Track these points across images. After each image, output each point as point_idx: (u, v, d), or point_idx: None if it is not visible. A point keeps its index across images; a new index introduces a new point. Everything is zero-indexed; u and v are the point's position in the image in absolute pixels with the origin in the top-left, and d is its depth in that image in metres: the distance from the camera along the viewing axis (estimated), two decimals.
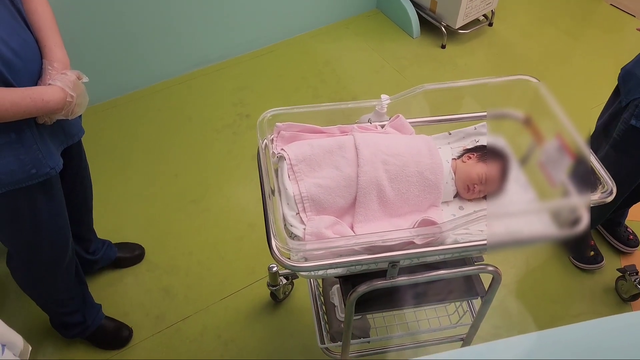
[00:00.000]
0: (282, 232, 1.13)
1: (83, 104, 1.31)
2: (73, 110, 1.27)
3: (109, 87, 2.75)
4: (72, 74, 1.27)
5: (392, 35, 3.24)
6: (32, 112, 1.19)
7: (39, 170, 1.28)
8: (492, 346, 0.70)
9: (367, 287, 1.21)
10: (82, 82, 1.31)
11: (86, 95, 1.32)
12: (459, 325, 1.63)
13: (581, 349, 0.70)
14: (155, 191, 2.37)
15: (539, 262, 2.15)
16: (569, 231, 1.12)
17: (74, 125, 1.43)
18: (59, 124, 1.33)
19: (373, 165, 1.22)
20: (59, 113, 1.25)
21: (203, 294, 2.02)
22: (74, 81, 1.26)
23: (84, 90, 1.31)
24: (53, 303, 1.71)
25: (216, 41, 2.94)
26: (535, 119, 1.34)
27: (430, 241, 1.12)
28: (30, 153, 1.25)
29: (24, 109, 1.16)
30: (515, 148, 1.38)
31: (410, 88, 1.32)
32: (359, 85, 2.90)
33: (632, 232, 2.17)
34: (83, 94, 1.30)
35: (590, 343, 0.72)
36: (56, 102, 1.22)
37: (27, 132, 1.23)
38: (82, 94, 1.29)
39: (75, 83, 1.26)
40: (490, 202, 1.33)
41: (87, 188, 1.74)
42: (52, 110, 1.22)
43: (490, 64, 3.07)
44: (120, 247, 2.08)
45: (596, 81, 2.93)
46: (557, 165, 1.22)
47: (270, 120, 1.28)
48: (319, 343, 1.60)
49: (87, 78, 1.32)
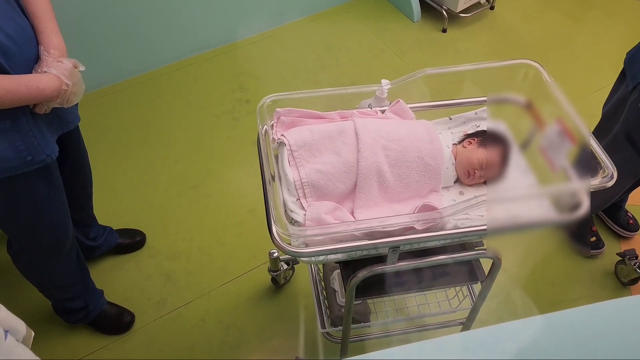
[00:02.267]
0: (282, 217, 1.13)
1: (79, 93, 1.31)
2: (69, 99, 1.27)
3: (108, 73, 2.73)
4: (68, 62, 1.26)
5: (392, 19, 3.21)
6: (27, 100, 1.18)
7: (34, 157, 1.28)
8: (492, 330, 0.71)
9: (367, 272, 1.22)
10: (79, 70, 1.30)
11: (82, 83, 1.32)
12: (459, 310, 1.64)
13: (581, 332, 0.71)
14: (155, 177, 2.37)
15: (538, 246, 2.16)
16: (570, 216, 1.12)
17: (70, 113, 1.43)
18: (55, 112, 1.33)
19: (373, 151, 1.22)
20: (55, 101, 1.24)
21: (204, 280, 2.03)
22: (70, 69, 1.26)
23: (80, 78, 1.31)
24: (55, 289, 1.72)
25: (215, 26, 2.91)
26: (536, 103, 1.33)
27: (430, 226, 1.12)
28: (26, 140, 1.25)
29: (19, 96, 1.16)
30: (516, 133, 1.37)
31: (411, 73, 1.32)
32: (359, 70, 2.89)
33: (632, 216, 2.17)
34: (79, 82, 1.29)
35: (590, 327, 0.72)
36: (52, 90, 1.21)
37: (22, 120, 1.23)
38: (78, 82, 1.29)
39: (71, 71, 1.26)
40: (491, 187, 1.33)
41: (87, 174, 1.74)
42: (47, 98, 1.22)
43: (491, 48, 3.05)
44: (121, 233, 2.08)
45: (598, 65, 2.91)
46: (557, 149, 1.22)
47: (270, 106, 1.28)
48: (320, 328, 1.61)
49: (83, 67, 1.31)
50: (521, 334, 0.70)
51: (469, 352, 0.68)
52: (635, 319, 0.74)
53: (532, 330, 0.71)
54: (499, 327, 0.71)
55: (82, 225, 1.87)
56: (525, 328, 0.71)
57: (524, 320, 0.72)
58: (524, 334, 0.70)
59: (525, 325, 0.72)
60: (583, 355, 0.68)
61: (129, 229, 2.13)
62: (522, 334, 0.70)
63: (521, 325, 0.72)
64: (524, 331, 0.71)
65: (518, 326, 0.72)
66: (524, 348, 0.69)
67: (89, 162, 1.72)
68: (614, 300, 0.75)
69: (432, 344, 0.70)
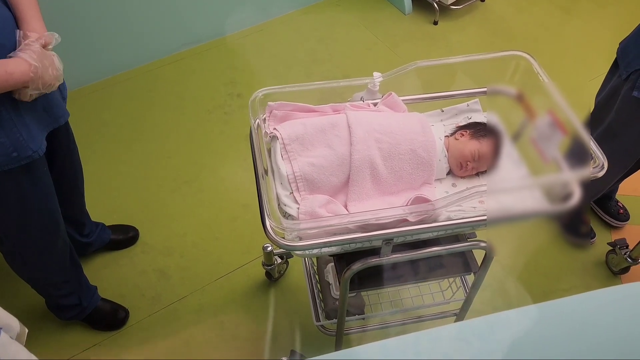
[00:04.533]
0: (276, 211, 1.13)
1: (58, 76, 1.26)
2: (45, 82, 1.21)
3: (99, 68, 2.71)
4: (36, 44, 1.21)
5: (384, 12, 3.20)
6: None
7: (20, 153, 1.27)
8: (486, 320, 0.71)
9: (361, 265, 1.22)
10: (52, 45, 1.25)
11: (59, 64, 1.26)
12: (453, 301, 1.65)
13: (573, 321, 0.72)
14: (148, 173, 2.36)
15: (531, 237, 2.17)
16: (562, 206, 1.13)
17: (58, 108, 1.40)
18: (42, 106, 1.31)
19: (366, 144, 1.22)
20: (31, 86, 1.19)
21: (198, 275, 2.03)
22: (38, 51, 1.20)
23: (56, 59, 1.26)
24: (48, 285, 1.71)
25: (206, 20, 2.89)
26: (527, 94, 1.33)
27: (423, 218, 1.12)
28: (11, 136, 1.24)
29: None
30: (508, 124, 1.38)
31: (403, 65, 1.32)
32: (351, 63, 2.88)
33: (623, 206, 2.19)
34: (53, 65, 1.24)
35: (582, 315, 0.73)
36: (21, 73, 1.16)
37: (4, 115, 1.21)
38: (52, 64, 1.23)
39: (40, 53, 1.20)
40: (483, 179, 1.34)
41: (77, 171, 1.73)
42: (18, 82, 1.16)
43: (483, 40, 3.05)
44: (114, 229, 2.07)
45: (589, 56, 2.92)
46: (549, 140, 1.23)
47: (262, 100, 1.27)
48: (315, 321, 1.62)
49: (58, 38, 1.26)
50: (514, 323, 0.71)
51: (463, 342, 0.69)
52: (625, 307, 0.75)
53: (526, 319, 0.72)
54: (493, 317, 0.72)
55: (74, 222, 1.86)
56: (518, 317, 0.72)
57: (517, 310, 0.72)
58: (517, 324, 0.71)
59: (519, 315, 0.72)
60: (575, 343, 0.69)
61: (122, 225, 2.12)
62: (516, 324, 0.71)
63: (514, 315, 0.72)
64: (517, 320, 0.72)
65: (511, 316, 0.72)
66: (517, 337, 0.69)
67: (80, 158, 1.71)
68: (605, 289, 0.76)
69: (427, 334, 0.70)
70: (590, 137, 1.20)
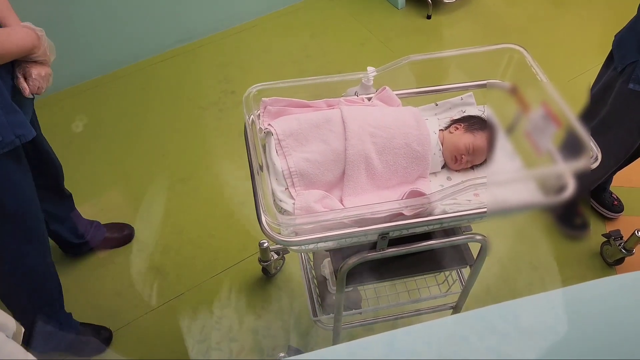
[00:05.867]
0: (271, 207, 1.13)
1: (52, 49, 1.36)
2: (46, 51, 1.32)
3: (92, 65, 2.69)
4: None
5: (377, 7, 3.20)
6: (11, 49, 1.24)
7: (4, 138, 1.25)
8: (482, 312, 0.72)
9: (357, 260, 1.23)
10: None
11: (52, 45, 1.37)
12: (449, 294, 1.66)
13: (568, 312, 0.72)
14: (143, 171, 2.35)
15: (526, 229, 2.18)
16: (556, 198, 1.13)
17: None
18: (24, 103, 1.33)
19: (360, 139, 1.22)
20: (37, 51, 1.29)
21: (195, 272, 2.02)
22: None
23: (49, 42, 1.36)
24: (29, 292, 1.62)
25: (199, 16, 2.88)
26: (521, 87, 1.34)
27: (419, 212, 1.12)
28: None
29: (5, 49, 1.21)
30: (502, 117, 1.38)
31: (396, 60, 1.32)
32: (345, 58, 2.88)
33: (617, 197, 2.20)
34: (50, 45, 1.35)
35: (577, 306, 0.73)
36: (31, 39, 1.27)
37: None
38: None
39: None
40: (478, 172, 1.34)
41: (56, 167, 1.71)
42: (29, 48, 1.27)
43: (476, 34, 3.05)
44: (109, 228, 2.07)
45: (583, 48, 2.93)
46: (542, 133, 1.23)
47: (256, 96, 1.27)
48: (312, 316, 1.62)
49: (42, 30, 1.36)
50: (510, 315, 0.71)
51: (459, 335, 0.69)
52: (620, 297, 0.75)
53: (521, 311, 0.72)
54: (489, 309, 0.72)
55: (64, 221, 1.84)
56: (514, 309, 0.73)
57: (512, 302, 0.73)
58: (513, 315, 0.72)
59: (514, 307, 0.73)
60: (571, 333, 0.70)
61: (117, 223, 2.11)
62: (512, 315, 0.71)
63: (510, 307, 0.73)
64: (513, 312, 0.72)
65: (507, 308, 0.73)
66: (513, 328, 0.70)
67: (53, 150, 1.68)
68: (600, 280, 0.76)
69: (423, 327, 0.70)
70: (583, 128, 1.20)
